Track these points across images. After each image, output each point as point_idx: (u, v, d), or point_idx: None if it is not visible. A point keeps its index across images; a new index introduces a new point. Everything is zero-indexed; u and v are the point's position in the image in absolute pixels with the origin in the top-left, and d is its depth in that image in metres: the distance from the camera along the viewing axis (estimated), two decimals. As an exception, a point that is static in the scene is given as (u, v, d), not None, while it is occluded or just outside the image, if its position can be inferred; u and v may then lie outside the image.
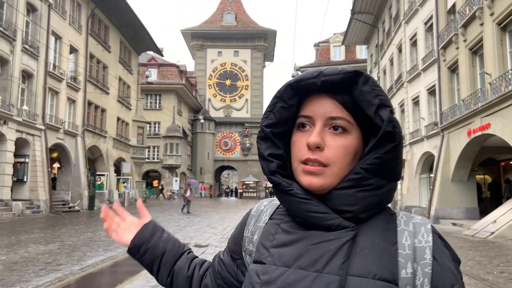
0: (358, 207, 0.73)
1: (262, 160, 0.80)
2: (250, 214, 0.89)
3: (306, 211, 0.74)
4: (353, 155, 0.75)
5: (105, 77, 28.12)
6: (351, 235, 0.72)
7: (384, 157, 0.72)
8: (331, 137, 0.74)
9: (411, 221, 0.75)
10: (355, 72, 0.73)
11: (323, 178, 0.74)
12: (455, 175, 16.45)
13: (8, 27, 17.51)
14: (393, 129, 0.71)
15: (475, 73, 15.10)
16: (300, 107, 0.78)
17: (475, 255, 8.59)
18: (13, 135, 17.93)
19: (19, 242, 9.95)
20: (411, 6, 21.17)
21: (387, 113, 0.71)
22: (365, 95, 0.72)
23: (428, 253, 0.71)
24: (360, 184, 0.73)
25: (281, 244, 0.76)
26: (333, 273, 0.69)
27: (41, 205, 19.00)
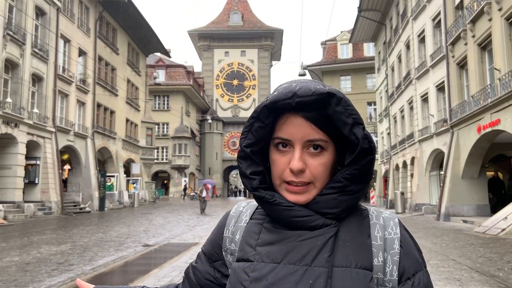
0: (340, 209, 0.80)
1: (244, 178, 0.84)
2: (229, 215, 0.92)
3: (291, 217, 0.80)
4: (331, 168, 0.82)
5: (113, 79, 28.35)
6: (334, 231, 0.79)
7: (363, 168, 0.79)
8: (311, 158, 0.80)
9: (381, 216, 0.84)
10: (327, 93, 0.77)
11: (308, 194, 0.81)
12: (466, 172, 16.32)
13: (17, 31, 17.74)
14: (368, 145, 0.78)
15: (484, 68, 14.96)
16: (275, 125, 0.82)
17: (485, 251, 8.53)
18: (24, 138, 18.16)
19: (32, 243, 10.09)
20: (418, 3, 21.03)
21: (361, 131, 0.78)
22: (338, 115, 0.78)
23: (397, 244, 0.80)
24: (342, 190, 0.80)
25: (268, 243, 0.81)
26: (321, 265, 0.76)
27: (52, 207, 19.22)
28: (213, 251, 0.91)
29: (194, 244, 10.08)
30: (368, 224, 0.82)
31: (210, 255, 0.92)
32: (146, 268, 7.16)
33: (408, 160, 23.59)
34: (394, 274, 0.78)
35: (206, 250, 0.93)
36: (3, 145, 17.43)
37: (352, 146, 0.80)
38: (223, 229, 0.91)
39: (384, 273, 0.78)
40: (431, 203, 20.04)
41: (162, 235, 11.97)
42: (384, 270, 0.78)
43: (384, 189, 29.76)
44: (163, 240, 10.89)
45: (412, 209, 21.23)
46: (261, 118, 0.82)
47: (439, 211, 16.78)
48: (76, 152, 23.22)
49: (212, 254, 0.91)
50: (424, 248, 9.12)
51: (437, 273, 6.43)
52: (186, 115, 45.95)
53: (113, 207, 25.03)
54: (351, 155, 0.80)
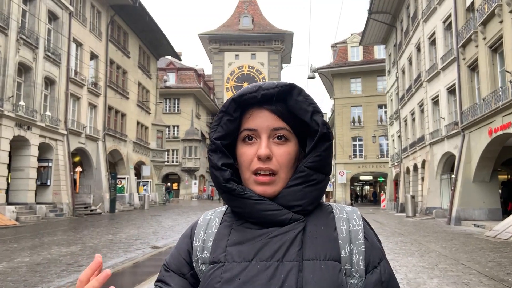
0: (306, 200, 0.84)
1: (216, 170, 0.86)
2: (198, 224, 0.91)
3: (261, 210, 0.82)
4: (295, 159, 0.86)
5: (124, 82, 28.63)
6: (302, 225, 0.82)
7: (323, 154, 0.84)
8: (276, 147, 0.85)
9: (344, 210, 0.88)
10: (289, 85, 0.84)
11: (274, 186, 0.84)
12: (477, 176, 16.14)
13: (30, 35, 18.04)
14: (327, 131, 0.84)
15: (495, 71, 14.80)
16: (242, 119, 0.87)
17: (495, 256, 8.43)
18: (36, 140, 18.43)
19: (42, 244, 10.23)
20: (429, 5, 20.89)
21: (320, 117, 0.84)
22: (300, 104, 0.84)
23: (361, 235, 0.84)
24: (306, 180, 0.84)
25: (238, 242, 0.83)
26: (291, 260, 0.78)
27: (64, 208, 19.45)
28: (182, 262, 0.89)
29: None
30: (333, 218, 0.85)
31: (179, 268, 0.89)
32: (154, 270, 7.22)
33: (419, 163, 23.40)
34: (360, 264, 0.81)
35: (173, 265, 0.89)
36: (16, 147, 17.71)
37: (311, 135, 0.85)
38: (192, 239, 0.90)
39: (351, 263, 0.81)
40: (442, 207, 19.84)
41: (171, 237, 12.05)
42: (351, 261, 0.81)
43: (395, 192, 29.54)
44: (172, 242, 10.96)
45: (423, 212, 21.04)
46: (229, 112, 0.86)
47: (450, 215, 16.60)
48: (87, 155, 23.48)
49: (181, 265, 0.89)
50: (433, 252, 9.05)
51: (445, 277, 6.38)
52: (196, 117, 46.17)
53: (123, 209, 25.24)
54: (311, 143, 0.85)
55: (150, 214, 22.27)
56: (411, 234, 12.74)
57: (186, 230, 0.94)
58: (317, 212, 0.86)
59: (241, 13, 56.32)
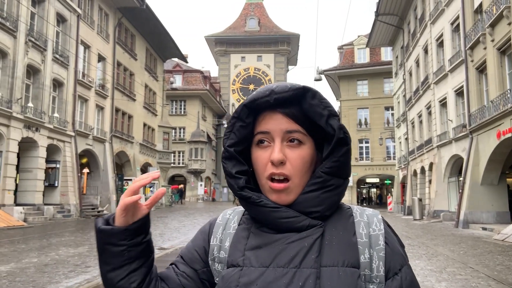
0: (324, 207, 0.82)
1: (230, 178, 0.84)
2: (216, 223, 0.91)
3: (277, 218, 0.81)
4: (310, 163, 0.83)
5: (131, 84, 28.78)
6: (320, 231, 0.80)
7: (341, 159, 0.81)
8: (290, 150, 0.82)
9: (365, 213, 0.85)
10: (303, 88, 0.81)
11: (289, 194, 0.82)
12: (485, 178, 16.01)
13: (39, 37, 18.20)
14: (344, 135, 0.81)
15: (503, 73, 14.70)
16: (255, 124, 0.85)
17: (504, 259, 8.35)
18: (45, 142, 18.57)
19: (50, 245, 10.30)
20: (436, 7, 20.80)
21: (336, 121, 0.81)
22: (314, 107, 0.81)
23: (382, 240, 0.81)
24: (324, 186, 0.81)
25: (256, 246, 0.82)
26: (309, 266, 0.77)
27: (71, 209, 19.57)
28: (196, 259, 0.88)
29: (208, 248, 10.13)
30: (352, 222, 0.83)
31: (193, 262, 0.88)
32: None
33: (426, 166, 23.26)
34: (380, 269, 0.79)
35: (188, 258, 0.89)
36: (24, 149, 17.86)
37: (329, 139, 0.82)
38: (210, 238, 0.89)
39: (371, 269, 0.79)
40: (449, 210, 19.70)
41: (177, 238, 12.07)
42: (370, 267, 0.79)
43: (402, 195, 29.37)
44: (178, 243, 10.98)
45: (430, 215, 20.90)
46: (241, 117, 0.84)
47: (457, 218, 16.48)
48: (94, 156, 23.61)
49: (194, 259, 0.88)
50: (441, 255, 8.99)
51: (454, 281, 6.34)
52: (202, 119, 46.26)
53: (130, 210, 25.29)
54: (328, 148, 0.82)
55: (157, 215, 22.32)
56: (419, 237, 12.66)
57: (204, 226, 0.93)
58: (336, 216, 0.84)
59: (248, 15, 56.42)
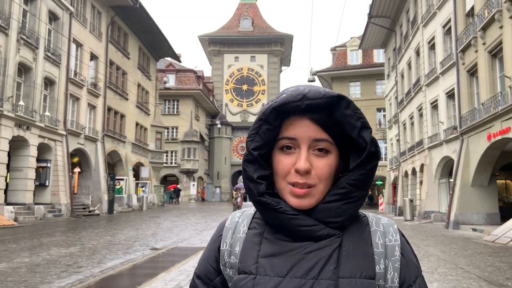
0: (344, 218, 0.80)
1: (251, 182, 0.81)
2: (225, 227, 0.88)
3: (296, 226, 0.78)
4: (334, 172, 0.81)
5: (124, 83, 28.64)
6: (338, 241, 0.79)
7: (368, 173, 0.79)
8: (316, 159, 0.79)
9: (381, 222, 0.84)
10: (337, 96, 0.78)
11: (311, 199, 0.79)
12: (475, 180, 16.18)
13: (31, 35, 18.04)
14: (375, 149, 0.79)
15: (494, 76, 14.87)
16: (281, 127, 0.81)
17: (494, 261, 8.45)
18: (35, 141, 18.41)
19: (41, 245, 10.22)
20: (429, 9, 20.98)
21: (369, 135, 0.79)
22: (348, 118, 0.78)
23: (397, 251, 0.80)
24: (346, 197, 0.79)
25: (270, 254, 0.79)
26: (328, 278, 0.75)
27: (62, 209, 19.42)
28: (210, 269, 0.87)
29: (202, 248, 10.12)
30: (369, 232, 0.82)
31: (207, 275, 0.87)
32: (154, 272, 7.22)
33: (417, 167, 23.44)
34: (395, 281, 0.78)
35: (201, 271, 0.88)
36: (15, 148, 17.68)
37: (357, 150, 0.80)
38: (219, 243, 0.87)
39: (385, 280, 0.78)
40: (440, 211, 19.88)
41: (170, 238, 12.04)
42: (385, 277, 0.78)
43: (393, 196, 29.57)
44: (171, 244, 10.96)
45: (421, 216, 21.07)
46: (269, 120, 0.80)
47: (448, 219, 16.64)
48: (86, 155, 23.45)
49: (209, 272, 0.87)
50: (432, 256, 9.07)
51: (445, 282, 6.40)
52: (195, 119, 46.17)
53: (122, 210, 25.20)
54: (356, 160, 0.80)
55: (149, 215, 22.24)
56: (410, 238, 12.76)
57: (214, 233, 0.91)
58: (353, 225, 0.82)
59: (241, 16, 56.41)
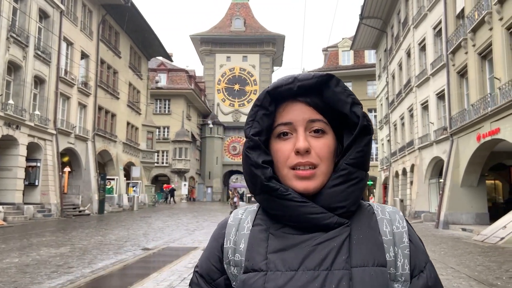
0: (349, 201, 0.78)
1: (256, 168, 0.79)
2: (228, 224, 0.86)
3: (305, 213, 0.77)
4: (334, 153, 0.81)
5: (115, 82, 28.45)
6: (348, 230, 0.78)
7: (365, 149, 0.79)
8: (314, 140, 0.80)
9: (386, 210, 0.84)
10: (327, 75, 0.80)
11: (316, 180, 0.78)
12: (465, 180, 16.35)
13: (21, 33, 17.84)
14: (367, 123, 0.79)
15: (484, 77, 15.04)
16: (275, 114, 0.82)
17: (484, 260, 8.55)
18: (25, 140, 18.21)
19: (31, 245, 10.12)
20: (419, 11, 21.16)
21: (360, 109, 0.80)
22: (338, 95, 0.80)
23: (406, 237, 0.80)
24: (348, 179, 0.78)
25: (280, 249, 0.77)
26: (341, 268, 0.74)
27: (52, 209, 19.23)
28: (212, 268, 0.84)
29: (193, 248, 10.10)
30: (375, 220, 0.81)
31: (209, 274, 0.85)
32: (145, 272, 7.19)
33: (407, 167, 23.62)
34: (406, 267, 0.78)
35: (203, 271, 0.86)
36: (4, 147, 17.47)
37: (349, 129, 0.81)
38: (222, 241, 0.85)
39: (396, 267, 0.78)
40: (430, 211, 20.05)
41: (161, 238, 11.99)
42: (395, 265, 0.78)
43: (384, 196, 29.77)
44: (162, 244, 10.91)
45: (411, 216, 21.23)
46: (264, 105, 0.81)
47: (438, 219, 16.79)
48: (76, 155, 23.26)
49: (211, 271, 0.84)
50: (422, 255, 9.13)
51: (435, 281, 6.45)
52: (187, 119, 46.02)
53: (112, 210, 25.03)
54: (349, 137, 0.80)
55: (140, 215, 22.13)
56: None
57: (215, 231, 0.89)
58: (359, 214, 0.81)
59: (233, 15, 56.34)
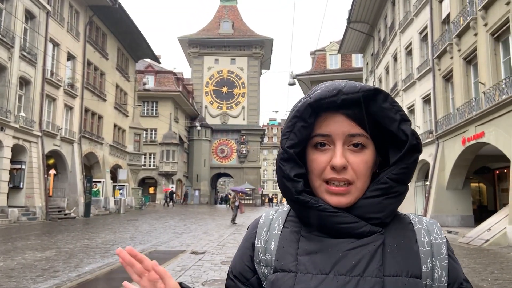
0: (385, 213, 0.77)
1: (288, 181, 0.79)
2: (259, 224, 0.86)
3: (337, 223, 0.76)
4: (372, 167, 0.79)
5: (102, 84, 28.19)
6: (382, 238, 0.76)
7: (410, 167, 0.77)
8: (352, 155, 0.77)
9: (423, 221, 0.82)
10: (374, 89, 0.76)
11: (350, 196, 0.77)
12: (450, 183, 16.57)
13: (6, 34, 17.58)
14: (417, 142, 0.77)
15: (469, 82, 15.29)
16: (314, 124, 0.79)
17: (469, 262, 8.67)
18: (10, 142, 17.92)
19: (16, 249, 9.94)
20: (406, 16, 21.43)
21: (409, 127, 0.77)
22: (386, 111, 0.76)
23: (444, 249, 0.78)
24: (387, 192, 0.77)
25: (310, 252, 0.77)
26: (373, 275, 0.73)
27: (37, 212, 18.94)
28: (245, 268, 0.84)
29: (181, 251, 10.04)
30: (412, 230, 0.80)
31: (243, 273, 0.84)
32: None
33: (394, 170, 23.83)
34: (443, 280, 0.76)
35: (237, 270, 0.85)
36: (-12, 149, 17.18)
37: (396, 144, 0.78)
38: (253, 240, 0.85)
39: (433, 279, 0.76)
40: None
41: (148, 242, 11.89)
42: (433, 277, 0.76)
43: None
44: (150, 247, 10.83)
45: (398, 219, 21.43)
46: (304, 117, 0.77)
47: (424, 222, 16.95)
48: (62, 157, 22.96)
49: (244, 271, 0.84)
50: (409, 258, 9.22)
51: (422, 283, 6.52)
52: (174, 121, 45.82)
53: (98, 213, 24.75)
54: (396, 154, 0.77)
55: (127, 218, 21.91)
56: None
57: (247, 231, 0.89)
58: (395, 223, 0.80)
59: (221, 18, 56.36)
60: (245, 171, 52.46)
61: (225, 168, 53.41)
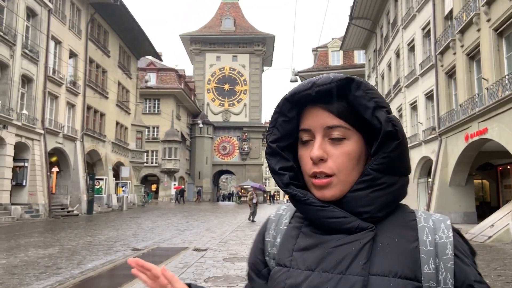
0: (374, 206, 0.75)
1: (274, 174, 0.81)
2: (269, 219, 0.89)
3: (324, 217, 0.76)
4: (357, 160, 0.77)
5: (104, 81, 28.21)
6: (371, 235, 0.74)
7: (391, 155, 0.74)
8: (332, 147, 0.76)
9: (431, 218, 0.77)
10: (346, 78, 0.75)
11: (333, 189, 0.76)
12: (453, 180, 16.53)
13: (8, 31, 17.59)
14: (393, 128, 0.74)
15: (472, 78, 15.22)
16: (299, 120, 0.81)
17: (472, 259, 8.64)
18: (12, 139, 17.96)
19: (19, 246, 9.98)
20: (408, 12, 21.33)
21: (383, 114, 0.74)
22: (359, 99, 0.75)
23: (450, 249, 0.73)
24: (373, 184, 0.75)
25: (303, 248, 0.78)
26: (356, 274, 0.71)
27: (40, 209, 19.00)
28: (257, 260, 0.87)
29: (183, 248, 10.05)
30: (414, 228, 0.76)
31: (255, 265, 0.87)
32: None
33: (397, 167, 23.78)
34: (448, 282, 0.71)
35: (250, 262, 0.89)
36: (-10, 147, 17.22)
37: (378, 132, 0.75)
38: (264, 234, 0.88)
39: (437, 281, 0.71)
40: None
41: (151, 239, 11.92)
42: (437, 278, 0.71)
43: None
44: (152, 244, 10.85)
45: (401, 215, 21.41)
46: (283, 112, 0.80)
47: (427, 218, 16.93)
48: (65, 155, 23.01)
49: (257, 263, 0.87)
50: (412, 254, 9.21)
51: (425, 279, 6.50)
52: (176, 118, 45.82)
53: (101, 210, 24.81)
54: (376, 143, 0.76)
55: (129, 215, 21.96)
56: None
57: (262, 224, 0.92)
58: (392, 220, 0.77)
59: (223, 15, 56.24)
60: (247, 168, 52.46)
61: (227, 165, 53.44)
